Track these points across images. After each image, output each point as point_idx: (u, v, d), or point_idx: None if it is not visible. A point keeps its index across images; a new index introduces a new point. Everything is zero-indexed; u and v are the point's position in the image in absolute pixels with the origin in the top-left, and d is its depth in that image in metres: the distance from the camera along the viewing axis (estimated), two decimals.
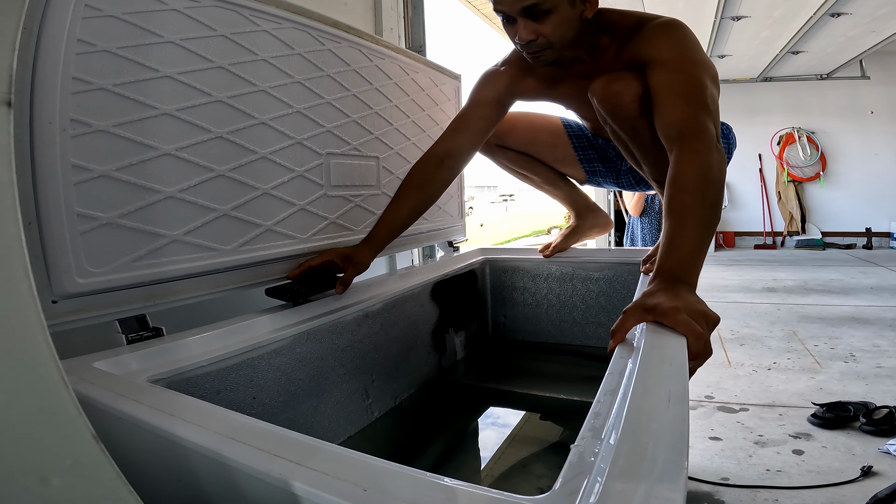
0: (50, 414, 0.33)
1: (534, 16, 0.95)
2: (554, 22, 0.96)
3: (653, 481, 0.38)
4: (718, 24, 4.16)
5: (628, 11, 1.06)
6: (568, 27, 0.98)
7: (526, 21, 0.96)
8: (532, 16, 0.95)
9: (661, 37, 0.98)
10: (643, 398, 0.51)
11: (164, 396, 0.58)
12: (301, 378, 0.97)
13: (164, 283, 0.86)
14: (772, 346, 2.74)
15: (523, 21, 0.96)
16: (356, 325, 1.12)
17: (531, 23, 0.96)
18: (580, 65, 1.12)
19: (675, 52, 0.95)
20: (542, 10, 0.94)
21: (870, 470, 1.48)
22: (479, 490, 0.39)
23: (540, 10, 0.94)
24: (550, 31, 0.97)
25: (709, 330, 0.66)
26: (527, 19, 0.96)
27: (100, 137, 0.76)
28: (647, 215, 3.03)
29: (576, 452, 0.44)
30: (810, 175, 6.77)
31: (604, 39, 1.06)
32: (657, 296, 0.69)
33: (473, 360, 1.60)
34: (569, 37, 1.00)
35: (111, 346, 0.77)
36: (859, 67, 6.07)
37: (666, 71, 0.95)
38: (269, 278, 1.06)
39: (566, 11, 0.97)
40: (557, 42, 0.99)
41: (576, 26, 1.00)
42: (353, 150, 1.27)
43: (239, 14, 0.97)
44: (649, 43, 0.98)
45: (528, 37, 0.97)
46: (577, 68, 1.13)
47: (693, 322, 0.65)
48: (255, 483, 0.42)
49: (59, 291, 0.72)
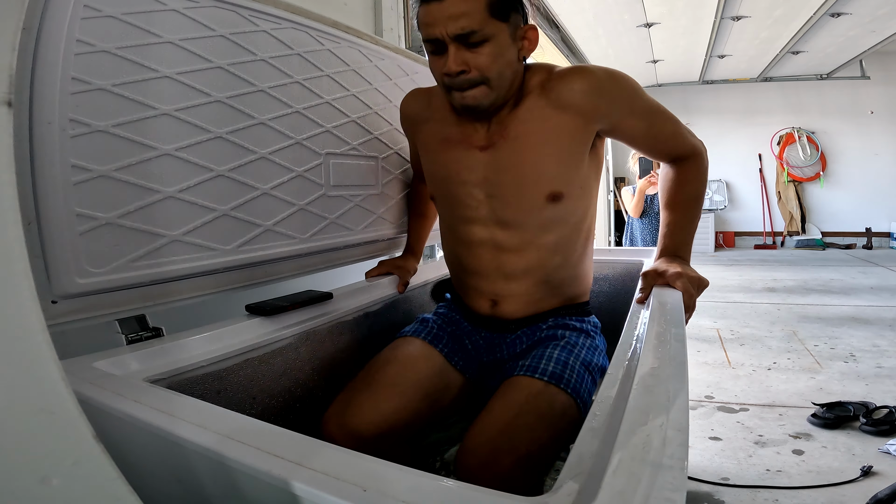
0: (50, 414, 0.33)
1: (469, 45, 0.80)
2: (490, 53, 0.81)
3: (652, 481, 0.38)
4: (718, 24, 4.16)
5: (536, 64, 0.95)
6: (504, 61, 0.84)
7: (458, 49, 0.81)
8: (466, 43, 0.80)
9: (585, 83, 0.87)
10: (643, 399, 0.51)
11: (164, 396, 0.58)
12: (301, 378, 0.97)
13: (163, 283, 0.86)
14: (772, 346, 2.74)
15: (455, 49, 0.80)
16: (356, 325, 1.12)
17: (464, 51, 0.81)
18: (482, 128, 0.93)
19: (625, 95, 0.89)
20: (478, 38, 0.80)
21: (870, 470, 1.48)
22: (480, 490, 0.39)
23: (476, 38, 0.80)
24: (485, 63, 0.81)
25: (698, 291, 0.92)
26: (459, 47, 0.81)
27: (99, 137, 0.76)
28: (646, 216, 3.03)
29: (576, 452, 0.44)
30: (810, 175, 6.77)
31: (522, 91, 0.92)
32: (666, 266, 0.94)
33: None
34: (506, 73, 0.85)
35: (111, 346, 0.77)
36: (859, 67, 6.08)
37: (629, 118, 0.90)
38: (269, 278, 1.06)
39: (504, 42, 0.83)
40: (494, 76, 0.83)
41: (512, 63, 0.86)
42: (352, 150, 1.27)
43: (238, 14, 0.97)
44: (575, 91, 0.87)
45: (459, 67, 0.81)
46: (477, 133, 0.93)
47: (689, 284, 0.90)
48: (255, 483, 0.42)
49: (59, 291, 0.72)
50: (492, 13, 0.80)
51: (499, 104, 0.89)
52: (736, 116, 7.00)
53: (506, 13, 0.82)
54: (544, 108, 0.89)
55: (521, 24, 0.87)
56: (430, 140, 1.00)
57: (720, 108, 7.03)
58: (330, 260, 1.22)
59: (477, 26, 0.79)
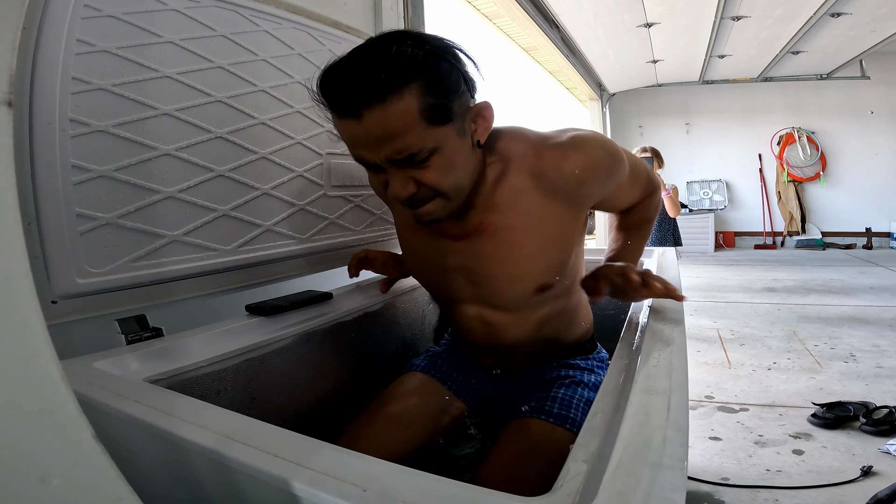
0: (50, 414, 0.33)
1: (412, 163, 0.65)
2: (438, 164, 0.66)
3: (652, 481, 0.38)
4: (718, 24, 4.16)
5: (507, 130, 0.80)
6: (459, 167, 0.69)
7: (400, 169, 0.66)
8: (409, 163, 0.65)
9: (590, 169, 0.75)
10: (643, 399, 0.51)
11: (164, 397, 0.58)
12: (301, 378, 0.97)
13: (163, 283, 0.86)
14: (772, 346, 2.74)
15: (396, 171, 0.66)
16: (356, 325, 1.12)
17: (408, 170, 0.66)
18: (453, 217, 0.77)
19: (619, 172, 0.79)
20: (420, 158, 0.64)
21: (870, 470, 1.48)
22: (479, 490, 0.39)
23: (418, 158, 0.64)
24: (436, 178, 0.67)
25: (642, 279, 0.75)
26: (401, 167, 0.66)
27: (99, 137, 0.76)
28: None
29: (576, 453, 0.44)
30: (810, 175, 6.77)
31: (491, 171, 0.77)
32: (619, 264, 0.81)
33: None
34: (462, 180, 0.71)
35: (111, 346, 0.77)
36: (859, 67, 6.08)
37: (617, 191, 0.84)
38: (269, 278, 1.06)
39: (452, 145, 0.66)
40: (448, 190, 0.69)
41: (469, 163, 0.71)
42: None
43: (238, 14, 0.97)
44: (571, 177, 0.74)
45: (407, 191, 0.67)
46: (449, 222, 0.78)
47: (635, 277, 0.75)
48: (255, 483, 0.42)
49: (58, 291, 0.72)
50: (429, 121, 0.62)
51: (460, 206, 0.75)
52: (736, 116, 6.99)
53: (447, 112, 0.64)
54: (531, 191, 0.76)
55: (469, 105, 0.69)
56: (399, 219, 0.88)
57: (720, 108, 7.03)
58: (330, 260, 1.22)
59: (416, 146, 0.63)
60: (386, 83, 0.59)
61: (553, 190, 0.75)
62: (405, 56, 0.60)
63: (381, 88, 0.59)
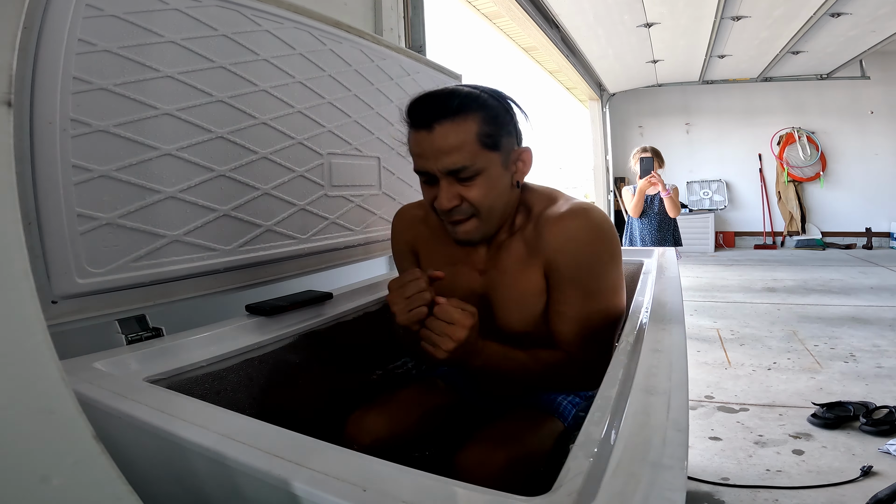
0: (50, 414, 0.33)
1: (460, 180, 0.78)
2: (482, 187, 0.79)
3: (652, 481, 0.38)
4: (718, 24, 4.16)
5: (541, 189, 0.91)
6: (495, 194, 0.81)
7: (450, 183, 0.79)
8: (459, 179, 0.78)
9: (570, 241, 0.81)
10: (643, 398, 0.51)
11: (164, 396, 0.58)
12: (301, 378, 0.97)
13: (163, 283, 0.86)
14: (772, 346, 2.74)
15: (447, 183, 0.79)
16: (356, 325, 1.12)
17: (456, 185, 0.79)
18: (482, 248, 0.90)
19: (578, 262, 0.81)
20: (468, 174, 0.78)
21: (870, 470, 1.48)
22: (479, 490, 0.39)
23: (466, 174, 0.78)
24: (477, 197, 0.79)
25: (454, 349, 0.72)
26: (451, 181, 0.79)
27: (100, 137, 0.76)
28: (646, 216, 3.02)
29: (575, 453, 0.44)
30: (810, 175, 6.77)
31: (518, 218, 0.88)
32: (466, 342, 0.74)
33: None
34: (497, 205, 0.82)
35: (111, 346, 0.77)
36: (859, 67, 6.07)
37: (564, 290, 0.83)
38: (269, 278, 1.06)
39: (496, 174, 0.80)
40: (485, 210, 0.81)
41: (506, 194, 0.83)
42: (353, 150, 1.27)
43: (240, 14, 0.97)
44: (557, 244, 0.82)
45: (451, 202, 0.79)
46: (478, 254, 0.90)
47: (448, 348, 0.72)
48: (255, 483, 0.42)
49: (59, 291, 0.72)
50: (483, 145, 0.77)
51: (492, 234, 0.87)
52: (736, 116, 6.99)
53: (497, 142, 0.79)
54: (522, 247, 0.86)
55: (514, 146, 0.83)
56: (437, 258, 0.95)
57: (720, 108, 7.03)
58: (330, 260, 1.22)
59: (468, 162, 0.77)
60: (456, 107, 0.77)
61: (533, 250, 0.85)
62: (473, 94, 0.80)
63: (452, 110, 0.76)
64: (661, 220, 3.01)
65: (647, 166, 2.90)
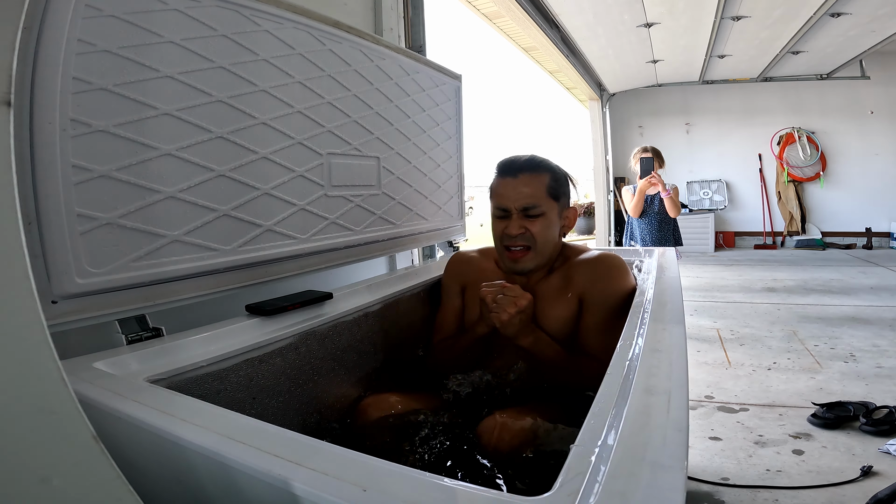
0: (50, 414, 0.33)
1: (529, 215, 1.05)
2: (543, 224, 1.06)
3: (652, 481, 0.38)
4: (718, 24, 4.16)
5: (574, 244, 1.18)
6: (550, 234, 1.07)
7: (520, 217, 1.06)
8: (527, 214, 1.05)
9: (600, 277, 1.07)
10: (643, 398, 0.51)
11: (164, 396, 0.58)
12: (301, 378, 0.97)
13: (163, 283, 0.86)
14: (772, 346, 2.74)
15: (518, 217, 1.05)
16: (356, 325, 1.12)
17: (524, 220, 1.05)
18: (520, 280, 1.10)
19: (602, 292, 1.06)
20: (537, 212, 1.05)
21: (870, 470, 1.48)
22: (480, 490, 0.39)
23: (535, 212, 1.05)
24: (538, 230, 1.05)
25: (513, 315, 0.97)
26: (521, 216, 1.06)
27: (100, 137, 0.76)
28: (646, 216, 3.02)
29: (576, 453, 0.44)
30: (810, 175, 6.77)
31: (557, 262, 1.13)
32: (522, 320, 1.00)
33: None
34: (549, 243, 1.08)
35: (111, 346, 0.77)
36: (859, 67, 6.07)
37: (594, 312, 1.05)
38: (269, 278, 1.06)
39: (553, 219, 1.08)
40: (540, 244, 1.06)
41: (555, 237, 1.09)
42: (353, 150, 1.27)
43: (239, 14, 0.97)
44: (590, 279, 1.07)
45: (519, 230, 1.05)
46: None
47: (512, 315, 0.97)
48: (255, 483, 0.42)
49: (59, 291, 0.72)
50: (549, 194, 1.07)
51: (539, 268, 1.10)
52: (736, 116, 6.99)
53: (557, 196, 1.09)
54: (559, 281, 1.10)
55: (567, 205, 1.12)
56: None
57: (720, 108, 7.03)
58: (330, 260, 1.22)
59: (537, 202, 1.05)
60: (536, 165, 1.08)
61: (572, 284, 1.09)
62: (546, 161, 1.11)
63: (533, 165, 1.08)
64: (662, 220, 3.01)
65: (648, 166, 2.90)
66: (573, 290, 1.08)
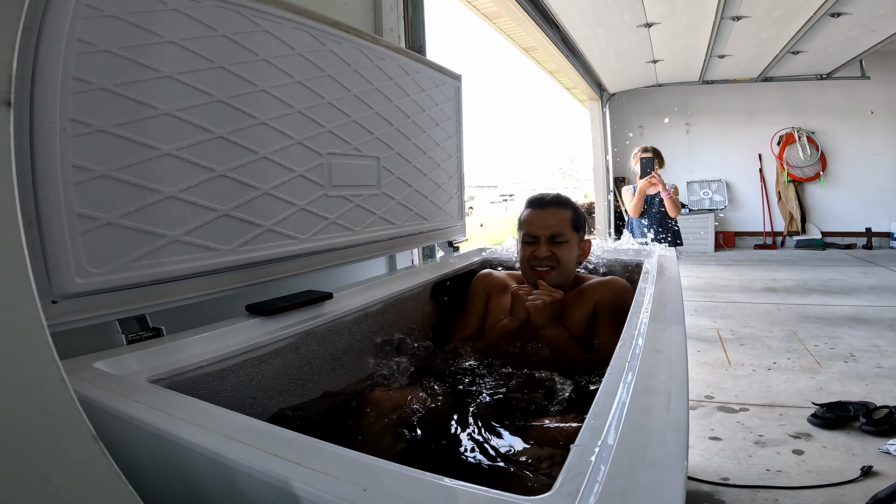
0: (50, 414, 0.33)
1: (554, 241, 1.27)
2: (565, 249, 1.27)
3: (652, 481, 0.38)
4: (718, 24, 4.16)
5: (585, 274, 1.42)
6: (571, 257, 1.29)
7: (547, 243, 1.27)
8: (553, 241, 1.27)
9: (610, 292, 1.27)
10: (643, 398, 0.51)
11: (164, 396, 0.58)
12: (301, 378, 0.97)
13: (163, 283, 0.86)
14: (772, 346, 2.74)
15: (545, 242, 1.27)
16: (356, 325, 1.12)
17: (550, 245, 1.27)
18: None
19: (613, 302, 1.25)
20: (562, 239, 1.27)
21: (870, 470, 1.48)
22: (479, 490, 0.39)
23: (560, 239, 1.27)
24: (562, 254, 1.27)
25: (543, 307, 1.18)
26: (549, 242, 1.27)
27: (100, 138, 0.76)
28: (646, 216, 3.02)
29: (576, 452, 0.44)
30: (810, 175, 6.77)
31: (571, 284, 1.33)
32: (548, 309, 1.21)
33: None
34: (570, 266, 1.29)
35: (111, 346, 0.77)
36: (859, 67, 6.06)
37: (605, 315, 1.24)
38: (269, 278, 1.06)
39: (574, 246, 1.30)
40: (563, 265, 1.26)
41: (574, 262, 1.31)
42: (353, 150, 1.27)
43: (239, 14, 0.97)
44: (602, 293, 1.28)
45: (546, 253, 1.26)
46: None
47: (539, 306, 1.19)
48: (255, 483, 0.42)
49: (59, 291, 0.72)
50: (571, 226, 1.29)
51: (559, 287, 1.25)
52: (736, 116, 6.99)
53: (578, 227, 1.31)
54: (574, 295, 1.28)
55: (585, 237, 1.35)
56: (503, 301, 1.34)
57: (720, 108, 7.03)
58: (330, 260, 1.22)
59: (563, 230, 1.27)
60: (563, 203, 1.32)
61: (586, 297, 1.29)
62: (570, 199, 1.34)
63: (560, 202, 1.31)
64: (662, 219, 3.01)
65: (647, 166, 2.90)
66: (589, 300, 1.27)
